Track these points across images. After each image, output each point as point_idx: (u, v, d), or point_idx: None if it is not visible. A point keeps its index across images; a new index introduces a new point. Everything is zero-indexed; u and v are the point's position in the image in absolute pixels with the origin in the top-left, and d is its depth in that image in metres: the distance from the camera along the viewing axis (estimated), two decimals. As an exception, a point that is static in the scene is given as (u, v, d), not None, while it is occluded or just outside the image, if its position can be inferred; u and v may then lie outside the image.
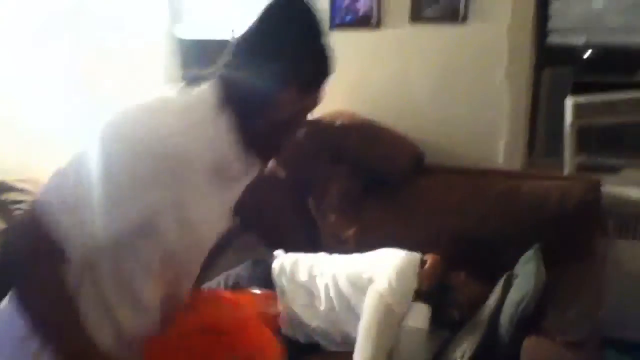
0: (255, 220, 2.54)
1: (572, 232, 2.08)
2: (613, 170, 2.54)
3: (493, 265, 2.03)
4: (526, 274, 1.89)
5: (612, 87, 2.50)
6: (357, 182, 2.42)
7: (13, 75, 2.53)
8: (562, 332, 1.70)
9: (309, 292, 2.03)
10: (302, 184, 2.48)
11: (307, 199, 2.51)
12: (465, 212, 2.21)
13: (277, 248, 2.25)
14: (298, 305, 2.00)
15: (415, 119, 2.55)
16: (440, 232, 2.18)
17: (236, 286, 2.04)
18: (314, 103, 1.17)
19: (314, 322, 1.98)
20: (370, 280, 1.94)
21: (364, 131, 2.44)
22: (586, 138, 2.54)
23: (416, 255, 2.02)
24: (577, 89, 2.55)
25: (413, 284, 1.93)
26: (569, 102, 2.43)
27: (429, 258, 2.02)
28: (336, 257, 2.17)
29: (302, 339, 1.99)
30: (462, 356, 1.77)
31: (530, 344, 1.70)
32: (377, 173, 2.38)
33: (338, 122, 2.44)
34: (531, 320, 1.75)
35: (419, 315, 1.89)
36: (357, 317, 1.90)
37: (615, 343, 2.16)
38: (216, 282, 2.09)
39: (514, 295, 1.82)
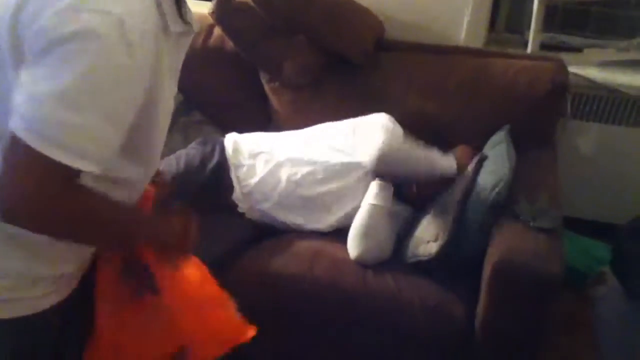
0: (200, 97, 2.36)
1: (540, 115, 2.04)
2: (575, 49, 2.50)
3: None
4: (497, 156, 1.84)
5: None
6: (316, 56, 2.24)
7: None
8: (533, 218, 1.68)
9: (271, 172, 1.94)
10: (254, 57, 2.28)
11: (259, 74, 2.33)
12: (430, 92, 2.12)
13: (224, 128, 2.10)
14: (257, 177, 1.91)
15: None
16: (403, 113, 2.06)
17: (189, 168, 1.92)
18: None
19: (274, 196, 1.91)
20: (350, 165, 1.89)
21: (325, 2, 2.22)
22: (550, 16, 2.46)
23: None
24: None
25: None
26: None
27: None
28: (297, 134, 2.06)
29: (257, 218, 1.93)
30: (436, 240, 1.74)
31: (502, 228, 1.68)
32: (338, 49, 2.20)
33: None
34: (503, 205, 1.73)
35: (381, 193, 1.84)
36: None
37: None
38: (167, 163, 1.94)
39: (487, 178, 1.76)
